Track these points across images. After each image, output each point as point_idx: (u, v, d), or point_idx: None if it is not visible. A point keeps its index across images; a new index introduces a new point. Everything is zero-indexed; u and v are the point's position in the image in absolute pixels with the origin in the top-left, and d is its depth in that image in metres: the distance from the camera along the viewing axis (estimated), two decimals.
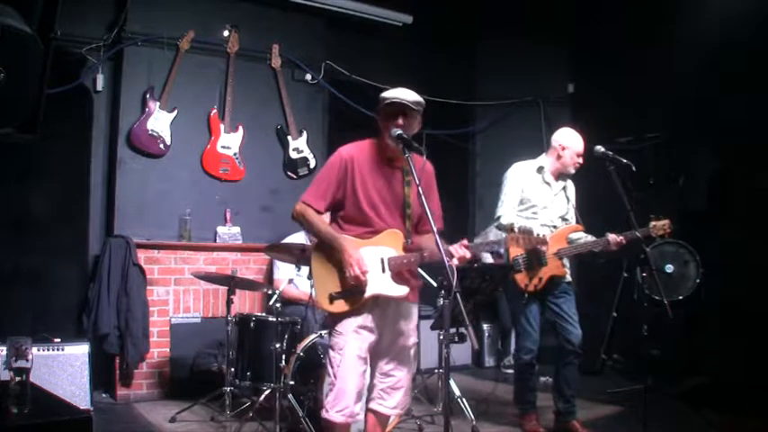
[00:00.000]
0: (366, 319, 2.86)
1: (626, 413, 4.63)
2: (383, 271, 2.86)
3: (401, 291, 2.87)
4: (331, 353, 2.89)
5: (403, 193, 2.94)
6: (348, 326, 2.84)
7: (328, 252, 2.89)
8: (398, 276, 2.88)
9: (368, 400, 2.97)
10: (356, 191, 2.89)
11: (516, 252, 3.94)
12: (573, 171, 4.11)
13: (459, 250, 2.74)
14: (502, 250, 4.00)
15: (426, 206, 2.59)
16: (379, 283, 2.84)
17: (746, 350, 4.81)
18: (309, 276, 3.37)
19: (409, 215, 2.94)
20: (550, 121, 6.44)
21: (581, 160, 4.07)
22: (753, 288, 4.92)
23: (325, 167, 3.00)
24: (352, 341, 2.83)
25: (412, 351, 3.01)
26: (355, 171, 2.90)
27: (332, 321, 2.93)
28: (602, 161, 3.75)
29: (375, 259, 2.85)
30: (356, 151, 2.95)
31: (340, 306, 2.85)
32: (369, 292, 2.82)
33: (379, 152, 2.95)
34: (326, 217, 3.02)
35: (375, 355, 2.94)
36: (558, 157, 4.09)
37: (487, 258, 5.27)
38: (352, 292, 2.83)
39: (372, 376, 2.98)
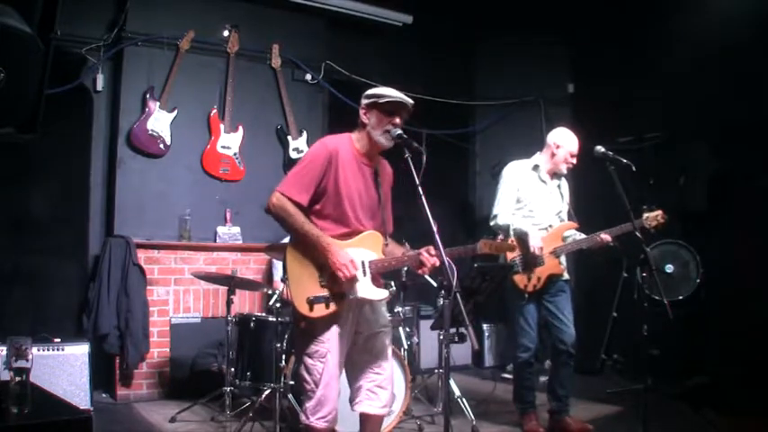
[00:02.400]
0: (344, 324, 2.79)
1: (626, 413, 4.64)
2: (364, 274, 2.78)
3: (382, 294, 2.82)
4: (309, 360, 2.76)
5: (377, 194, 2.88)
6: (329, 334, 2.75)
7: (308, 252, 2.74)
8: (373, 278, 2.82)
9: (355, 403, 2.89)
10: (339, 187, 2.76)
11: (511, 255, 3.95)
12: (565, 170, 4.17)
13: (430, 258, 2.67)
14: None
15: (429, 211, 2.50)
16: (361, 287, 2.77)
17: (746, 350, 4.81)
18: (284, 278, 3.09)
19: (383, 216, 2.90)
20: (550, 121, 6.43)
21: (574, 161, 4.12)
22: (753, 288, 4.92)
23: (309, 158, 2.81)
24: (334, 350, 2.75)
25: (390, 348, 2.96)
26: (339, 166, 2.77)
27: (308, 327, 2.79)
28: (602, 161, 3.75)
29: (356, 262, 2.75)
30: (340, 145, 2.82)
31: (320, 311, 2.71)
32: (351, 296, 2.74)
33: (358, 149, 2.86)
34: None
35: (357, 356, 2.89)
36: (552, 155, 4.14)
37: None
38: (334, 296, 2.72)
39: (357, 378, 2.90)
